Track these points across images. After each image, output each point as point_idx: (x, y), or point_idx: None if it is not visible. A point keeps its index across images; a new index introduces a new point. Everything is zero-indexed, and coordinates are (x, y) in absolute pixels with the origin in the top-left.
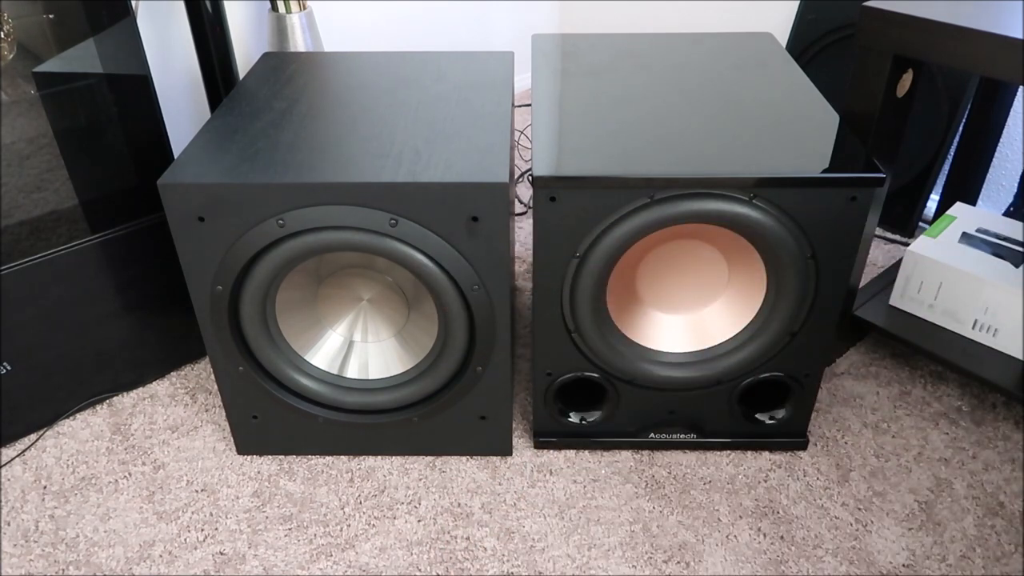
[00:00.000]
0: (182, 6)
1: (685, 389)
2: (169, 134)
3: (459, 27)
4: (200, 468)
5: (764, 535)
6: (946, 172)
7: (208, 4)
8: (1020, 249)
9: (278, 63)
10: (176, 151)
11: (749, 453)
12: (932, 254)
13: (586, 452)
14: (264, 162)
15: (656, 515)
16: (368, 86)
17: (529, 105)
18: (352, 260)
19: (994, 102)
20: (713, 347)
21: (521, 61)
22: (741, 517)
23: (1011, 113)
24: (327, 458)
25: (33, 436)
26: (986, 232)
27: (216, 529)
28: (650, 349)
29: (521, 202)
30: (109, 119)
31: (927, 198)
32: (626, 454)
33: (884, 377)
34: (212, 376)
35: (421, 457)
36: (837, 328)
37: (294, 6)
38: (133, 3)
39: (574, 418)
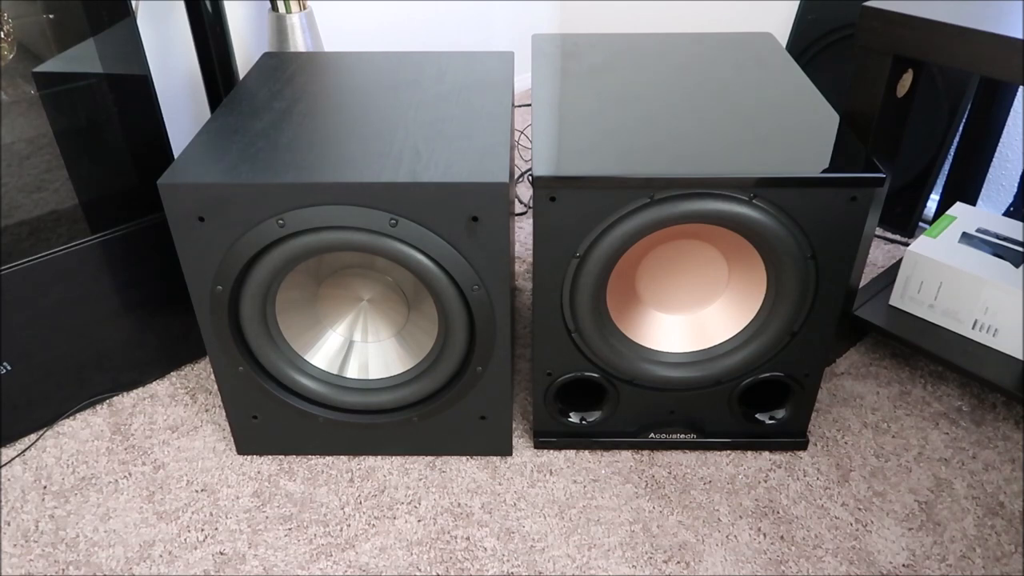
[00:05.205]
0: (182, 6)
1: (685, 389)
2: (169, 134)
3: (459, 27)
4: (200, 468)
5: (764, 535)
6: (946, 172)
7: (208, 4)
8: (1020, 249)
9: (278, 63)
10: (176, 151)
11: (749, 453)
12: (932, 254)
13: (586, 452)
14: (264, 162)
15: (656, 515)
16: (368, 86)
17: (529, 105)
18: (352, 260)
19: (994, 102)
20: (713, 347)
21: (521, 61)
22: (741, 517)
23: (1011, 113)
24: (327, 458)
25: (33, 436)
26: (986, 232)
27: (216, 529)
28: (650, 349)
29: (521, 202)
30: (109, 119)
31: (927, 198)
32: (626, 454)
33: (884, 377)
34: (212, 376)
35: (421, 457)
36: (837, 328)
37: (294, 6)
38: (133, 3)
39: (574, 418)
